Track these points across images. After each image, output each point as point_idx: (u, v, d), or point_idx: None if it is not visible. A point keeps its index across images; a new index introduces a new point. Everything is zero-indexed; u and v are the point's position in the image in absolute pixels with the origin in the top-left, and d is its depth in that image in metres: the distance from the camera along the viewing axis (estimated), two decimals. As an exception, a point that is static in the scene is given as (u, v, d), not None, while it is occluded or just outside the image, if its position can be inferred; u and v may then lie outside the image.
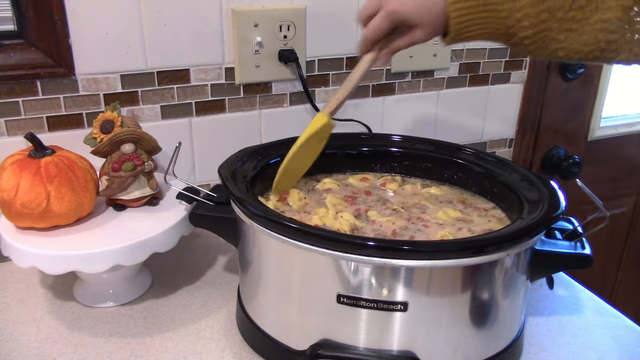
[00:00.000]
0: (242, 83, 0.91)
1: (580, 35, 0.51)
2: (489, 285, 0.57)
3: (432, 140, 0.82)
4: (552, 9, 0.51)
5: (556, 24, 0.52)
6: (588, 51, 0.52)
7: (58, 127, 0.82)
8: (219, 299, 0.76)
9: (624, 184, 1.45)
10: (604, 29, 0.50)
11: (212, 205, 0.69)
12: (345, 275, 0.55)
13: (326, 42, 0.95)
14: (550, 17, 0.52)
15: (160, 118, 0.88)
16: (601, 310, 0.76)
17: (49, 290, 0.78)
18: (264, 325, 0.64)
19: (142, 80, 0.85)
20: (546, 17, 0.52)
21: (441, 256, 0.54)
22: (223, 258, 0.87)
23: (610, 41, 0.51)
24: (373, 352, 0.57)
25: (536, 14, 0.52)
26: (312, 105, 0.96)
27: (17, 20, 0.76)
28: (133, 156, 0.73)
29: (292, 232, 0.56)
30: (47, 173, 0.67)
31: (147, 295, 0.77)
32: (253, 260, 0.63)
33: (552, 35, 0.52)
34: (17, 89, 0.78)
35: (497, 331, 0.61)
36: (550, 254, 0.61)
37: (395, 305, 0.55)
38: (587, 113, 1.30)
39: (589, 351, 0.68)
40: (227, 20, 0.87)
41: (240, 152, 0.74)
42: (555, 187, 0.65)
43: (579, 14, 0.51)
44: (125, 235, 0.68)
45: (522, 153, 1.24)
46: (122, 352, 0.66)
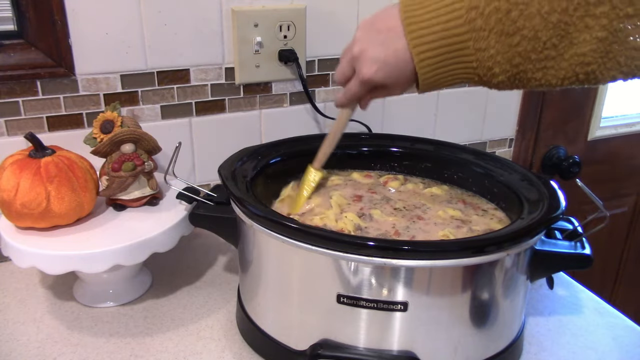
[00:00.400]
0: (242, 83, 0.91)
1: (557, 71, 0.50)
2: (489, 285, 0.57)
3: (432, 140, 0.82)
4: (525, 52, 0.50)
5: (530, 65, 0.51)
6: (567, 83, 0.51)
7: (58, 127, 0.82)
8: (219, 299, 0.76)
9: (624, 184, 1.45)
10: (580, 62, 0.49)
11: (212, 205, 0.69)
12: (345, 275, 0.55)
13: (326, 42, 0.95)
14: (523, 60, 0.51)
15: (160, 118, 0.88)
16: (601, 310, 0.76)
17: (49, 290, 0.78)
18: (264, 325, 0.64)
19: (142, 80, 0.85)
20: (519, 61, 0.51)
21: (441, 256, 0.54)
22: (223, 258, 0.87)
23: (588, 72, 0.50)
24: (373, 352, 0.57)
25: (508, 60, 0.51)
26: (312, 105, 0.96)
27: (17, 20, 0.76)
28: (133, 156, 0.73)
29: (292, 232, 0.56)
30: (47, 173, 0.67)
31: (147, 295, 0.77)
32: (253, 260, 0.63)
33: (529, 76, 0.51)
34: (17, 89, 0.78)
35: (497, 331, 0.61)
36: (550, 254, 0.61)
37: (395, 305, 0.55)
38: (587, 113, 1.30)
39: (589, 351, 0.68)
40: (227, 20, 0.87)
41: (240, 152, 0.74)
42: (555, 187, 0.65)
43: (552, 52, 0.50)
44: (125, 235, 0.68)
45: (522, 153, 1.24)
46: (122, 352, 0.66)
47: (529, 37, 0.49)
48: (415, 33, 0.54)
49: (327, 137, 0.72)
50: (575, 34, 0.49)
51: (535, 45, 0.50)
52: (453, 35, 0.52)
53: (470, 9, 0.51)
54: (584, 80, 0.51)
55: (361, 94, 0.63)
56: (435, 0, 0.53)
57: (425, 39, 0.53)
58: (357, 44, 0.59)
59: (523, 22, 0.49)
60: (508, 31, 0.50)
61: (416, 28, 0.54)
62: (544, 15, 0.48)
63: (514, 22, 0.49)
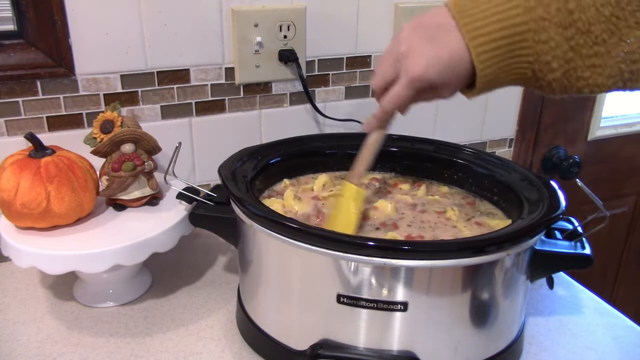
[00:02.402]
0: (242, 83, 0.91)
1: (604, 69, 0.49)
2: (489, 285, 0.57)
3: (432, 140, 0.82)
4: (577, 47, 0.49)
5: (580, 62, 0.50)
6: (611, 83, 0.50)
7: (58, 127, 0.82)
8: (219, 299, 0.76)
9: (624, 184, 1.45)
10: (626, 60, 0.49)
11: (212, 205, 0.69)
12: (345, 275, 0.55)
13: (326, 42, 0.95)
14: (575, 55, 0.49)
15: (160, 118, 0.88)
16: (601, 310, 0.76)
17: (49, 290, 0.78)
18: (264, 325, 0.64)
19: (142, 80, 0.85)
20: (571, 56, 0.49)
21: (441, 256, 0.54)
22: (223, 258, 0.87)
23: (633, 71, 0.49)
24: (373, 352, 0.57)
25: (563, 54, 0.49)
26: (312, 105, 0.96)
27: (17, 20, 0.76)
28: (133, 156, 0.73)
29: (292, 232, 0.56)
30: (47, 173, 0.67)
31: (147, 295, 0.77)
32: (253, 260, 0.63)
33: (578, 74, 0.50)
34: (17, 89, 0.78)
35: (497, 331, 0.61)
36: (550, 254, 0.61)
37: (395, 305, 0.55)
38: (587, 113, 1.30)
39: (589, 351, 0.68)
40: (227, 20, 0.87)
41: (240, 152, 0.74)
42: (555, 187, 0.65)
43: (602, 48, 0.49)
44: (125, 235, 0.68)
45: (522, 153, 1.24)
46: (122, 352, 0.66)
47: (583, 30, 0.48)
48: (470, 25, 0.50)
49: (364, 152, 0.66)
50: (625, 30, 0.48)
51: (587, 39, 0.48)
52: (512, 26, 0.49)
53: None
54: (627, 80, 0.50)
55: (409, 98, 0.57)
56: None
57: (481, 30, 0.50)
58: (403, 43, 0.55)
59: (579, 14, 0.48)
60: (565, 23, 0.48)
61: (471, 20, 0.50)
62: (598, 8, 0.47)
63: (570, 13, 0.48)
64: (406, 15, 0.97)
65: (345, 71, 0.98)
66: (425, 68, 0.53)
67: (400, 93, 0.56)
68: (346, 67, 0.98)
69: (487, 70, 0.51)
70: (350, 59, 0.98)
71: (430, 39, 0.53)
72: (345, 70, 0.98)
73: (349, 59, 0.98)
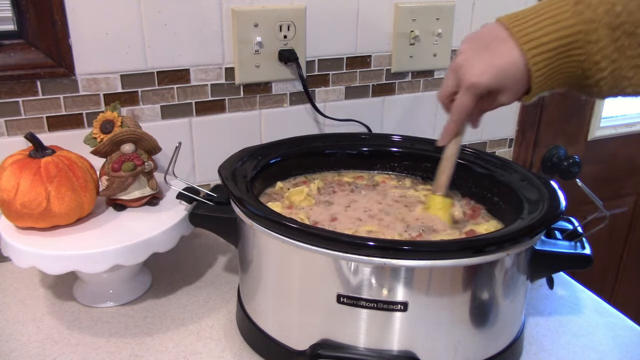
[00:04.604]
0: (242, 83, 0.91)
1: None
2: (489, 285, 0.57)
3: (432, 140, 0.82)
4: (622, 48, 0.51)
5: (625, 62, 0.52)
6: None
7: (58, 127, 0.82)
8: (219, 299, 0.76)
9: (624, 184, 1.45)
10: None
11: (212, 205, 0.69)
12: (345, 275, 0.55)
13: (326, 42, 0.95)
14: (620, 56, 0.52)
15: (160, 118, 0.88)
16: (601, 310, 0.76)
17: (49, 290, 0.78)
18: (264, 325, 0.64)
19: (142, 80, 0.85)
20: (617, 56, 0.52)
21: (441, 256, 0.54)
22: (223, 258, 0.87)
23: None
24: (373, 352, 0.57)
25: (610, 54, 0.52)
26: (312, 105, 0.96)
27: (17, 20, 0.76)
28: (133, 156, 0.73)
29: (292, 232, 0.56)
30: (47, 173, 0.67)
31: (147, 295, 0.77)
32: (253, 260, 0.63)
33: (623, 74, 0.52)
34: (17, 89, 0.78)
35: (497, 331, 0.61)
36: (550, 254, 0.61)
37: (395, 305, 0.55)
38: (587, 113, 1.30)
39: (589, 351, 0.68)
40: (227, 20, 0.87)
41: (240, 152, 0.74)
42: (555, 187, 0.65)
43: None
44: (125, 235, 0.68)
45: (522, 153, 1.24)
46: (122, 352, 0.66)
47: (629, 32, 0.51)
48: (523, 32, 0.54)
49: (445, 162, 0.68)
50: None
51: (632, 42, 0.51)
52: (563, 28, 0.52)
53: (576, 3, 0.52)
54: None
55: (470, 105, 0.60)
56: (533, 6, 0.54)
57: (534, 35, 0.53)
58: (460, 55, 0.59)
59: (626, 17, 0.50)
60: (613, 25, 0.51)
61: (523, 28, 0.54)
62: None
63: (618, 15, 0.51)
64: (406, 15, 0.97)
65: (345, 71, 0.98)
66: (480, 73, 0.56)
67: (462, 102, 0.60)
68: (346, 67, 0.98)
69: (541, 72, 0.54)
70: (350, 59, 0.98)
71: (485, 48, 0.57)
72: (345, 70, 0.98)
73: (349, 59, 0.98)
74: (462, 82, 0.59)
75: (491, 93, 0.58)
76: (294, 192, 0.72)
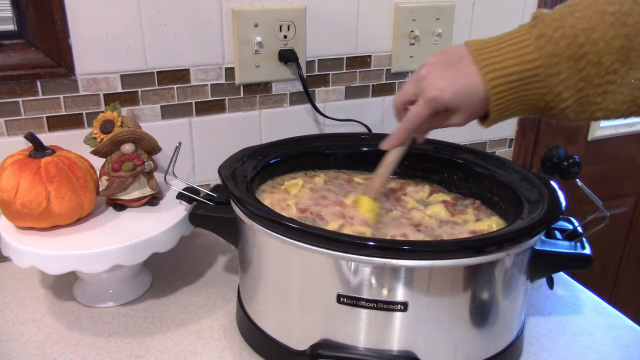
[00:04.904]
0: (242, 83, 0.91)
1: (616, 95, 0.52)
2: (489, 285, 0.57)
3: (432, 140, 0.82)
4: (589, 77, 0.52)
5: (592, 90, 0.52)
6: (625, 109, 0.52)
7: (58, 127, 0.82)
8: (219, 299, 0.76)
9: (624, 184, 1.45)
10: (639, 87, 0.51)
11: (212, 205, 0.69)
12: (345, 275, 0.55)
13: (326, 42, 0.95)
14: (587, 84, 0.52)
15: (160, 118, 0.88)
16: (601, 310, 0.76)
17: (49, 290, 0.78)
18: (264, 325, 0.64)
19: (142, 80, 0.85)
20: (583, 85, 0.52)
21: (441, 256, 0.54)
22: (223, 258, 0.87)
23: None
24: (373, 352, 0.57)
25: (574, 84, 0.52)
26: (312, 105, 0.96)
27: (17, 20, 0.76)
28: (133, 156, 0.73)
29: (292, 232, 0.56)
30: (47, 173, 0.67)
31: (147, 295, 0.77)
32: (253, 260, 0.63)
33: (591, 100, 0.53)
34: (17, 89, 0.78)
35: (497, 331, 0.61)
36: (550, 254, 0.61)
37: (395, 305, 0.55)
38: (587, 113, 1.30)
39: (589, 351, 0.68)
40: (227, 20, 0.87)
41: (240, 152, 0.74)
42: (555, 187, 0.65)
43: (614, 77, 0.51)
44: (125, 235, 0.68)
45: (522, 153, 1.24)
46: (122, 352, 0.66)
47: (594, 62, 0.51)
48: (485, 62, 0.55)
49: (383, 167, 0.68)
50: (635, 59, 0.50)
51: (599, 70, 0.51)
52: (524, 62, 0.53)
53: (539, 37, 0.52)
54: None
55: (424, 117, 0.61)
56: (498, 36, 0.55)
57: (496, 66, 0.54)
58: (425, 66, 0.60)
59: (589, 48, 0.51)
60: (576, 56, 0.51)
61: (487, 57, 0.55)
62: (607, 41, 0.50)
63: (581, 47, 0.51)
64: (406, 15, 0.97)
65: (345, 71, 0.98)
66: (442, 89, 0.57)
67: (417, 112, 0.60)
68: (346, 67, 0.98)
69: (500, 101, 0.55)
70: (350, 59, 0.98)
71: (451, 66, 0.58)
72: (345, 70, 0.98)
73: (349, 59, 0.98)
74: (423, 94, 0.59)
75: (447, 111, 0.59)
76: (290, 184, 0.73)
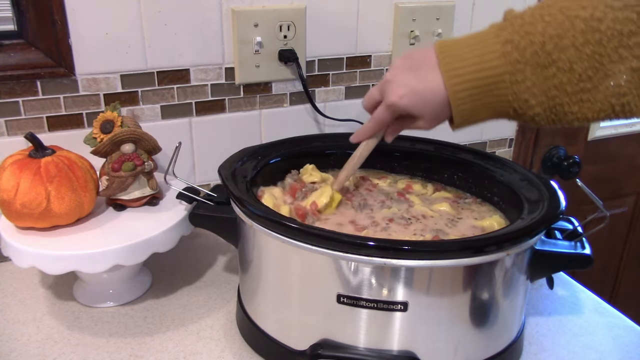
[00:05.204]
0: (242, 83, 0.91)
1: (593, 103, 0.51)
2: (489, 285, 0.57)
3: (432, 140, 0.82)
4: (561, 85, 0.51)
5: (567, 98, 0.51)
6: (602, 116, 0.52)
7: (58, 127, 0.82)
8: (219, 299, 0.76)
9: (624, 184, 1.45)
10: (616, 94, 0.50)
11: (212, 205, 0.69)
12: (345, 275, 0.55)
13: (326, 42, 0.95)
14: (559, 92, 0.51)
15: (160, 118, 0.88)
16: (601, 310, 0.76)
17: (49, 290, 0.78)
18: (264, 325, 0.64)
19: (142, 80, 0.85)
20: (555, 93, 0.51)
21: (441, 256, 0.54)
22: (223, 258, 0.87)
23: (624, 103, 0.50)
24: (373, 352, 0.57)
25: (544, 92, 0.51)
26: (312, 105, 0.96)
27: (17, 20, 0.76)
28: (133, 156, 0.73)
29: (292, 232, 0.56)
30: (47, 173, 0.67)
31: (147, 295, 0.77)
32: (253, 260, 0.63)
33: (565, 109, 0.52)
34: (17, 89, 0.78)
35: (497, 331, 0.61)
36: (550, 254, 0.61)
37: (395, 305, 0.55)
38: (587, 113, 1.30)
39: (589, 351, 0.68)
40: (227, 20, 0.87)
41: (240, 152, 0.74)
42: (555, 187, 0.65)
43: (588, 84, 0.50)
44: (125, 235, 0.68)
45: (522, 153, 1.24)
46: (122, 352, 0.66)
47: (565, 69, 0.50)
48: (449, 65, 0.54)
49: (350, 161, 0.70)
50: (609, 65, 0.49)
51: (571, 77, 0.50)
52: (488, 69, 0.52)
53: (506, 42, 0.51)
54: (619, 112, 0.51)
55: (386, 121, 0.62)
56: (469, 37, 0.54)
57: (459, 71, 0.53)
58: (390, 70, 0.60)
59: (558, 54, 0.50)
60: (544, 63, 0.50)
61: (451, 61, 0.54)
62: (578, 47, 0.49)
63: (549, 54, 0.50)
64: (406, 15, 0.97)
65: (345, 71, 0.98)
66: (401, 97, 0.58)
67: (380, 115, 0.62)
68: (346, 67, 0.98)
69: (463, 107, 0.55)
70: (350, 59, 0.98)
71: (413, 70, 0.57)
72: (345, 70, 0.98)
73: (349, 59, 0.98)
74: (385, 99, 0.60)
75: (410, 116, 0.59)
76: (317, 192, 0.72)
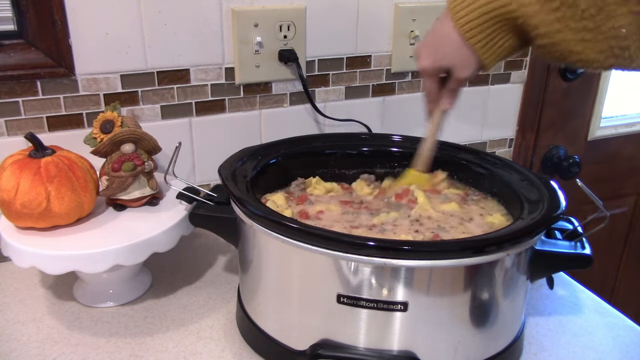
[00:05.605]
0: (242, 83, 0.91)
1: (594, 44, 0.52)
2: (489, 285, 0.57)
3: (432, 140, 0.82)
4: (564, 19, 0.52)
5: (570, 35, 0.53)
6: (603, 59, 0.53)
7: (58, 127, 0.82)
8: (219, 299, 0.76)
9: (624, 184, 1.45)
10: (616, 36, 0.51)
11: (212, 205, 0.69)
12: (345, 275, 0.55)
13: (326, 42, 0.95)
14: (562, 27, 0.53)
15: (160, 118, 0.88)
16: (601, 310, 0.76)
17: (49, 290, 0.78)
18: (264, 325, 0.64)
19: (142, 80, 0.85)
20: (559, 27, 0.53)
21: (441, 256, 0.54)
22: (223, 258, 0.87)
23: (623, 47, 0.51)
24: (373, 352, 0.57)
25: (550, 24, 0.53)
26: (312, 105, 0.96)
27: (17, 20, 0.76)
28: (133, 156, 0.73)
29: (292, 232, 0.56)
30: (47, 173, 0.67)
31: (147, 295, 0.77)
32: (253, 260, 0.63)
33: (570, 48, 0.53)
34: (17, 89, 0.78)
35: (497, 331, 0.61)
36: (550, 254, 0.61)
37: (395, 305, 0.55)
38: (587, 113, 1.30)
39: (589, 351, 0.68)
40: (227, 20, 0.87)
41: (240, 152, 0.74)
42: (555, 187, 0.65)
43: (590, 23, 0.51)
44: (125, 235, 0.68)
45: (522, 153, 1.24)
46: (122, 352, 0.66)
47: (568, 3, 0.51)
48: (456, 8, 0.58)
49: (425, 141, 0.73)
50: (612, 6, 0.50)
51: (574, 12, 0.51)
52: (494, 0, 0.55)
53: None
54: (619, 55, 0.52)
55: (430, 88, 0.67)
56: None
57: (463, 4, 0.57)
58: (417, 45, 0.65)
59: None
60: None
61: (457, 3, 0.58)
62: None
63: None
64: (406, 15, 0.97)
65: (345, 71, 0.98)
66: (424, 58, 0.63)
67: (425, 85, 0.68)
68: (346, 67, 0.98)
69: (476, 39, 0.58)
70: (350, 59, 0.98)
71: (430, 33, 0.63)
72: (345, 70, 0.98)
73: (349, 59, 0.98)
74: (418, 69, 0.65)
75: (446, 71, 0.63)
76: None
